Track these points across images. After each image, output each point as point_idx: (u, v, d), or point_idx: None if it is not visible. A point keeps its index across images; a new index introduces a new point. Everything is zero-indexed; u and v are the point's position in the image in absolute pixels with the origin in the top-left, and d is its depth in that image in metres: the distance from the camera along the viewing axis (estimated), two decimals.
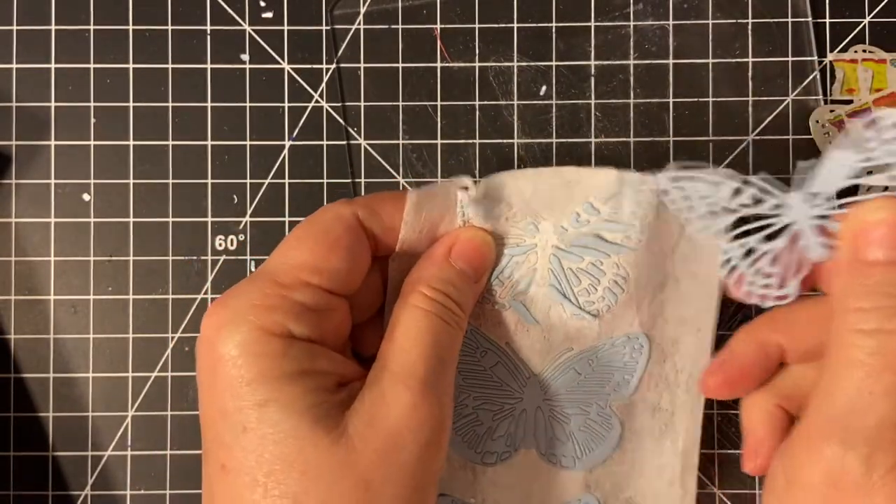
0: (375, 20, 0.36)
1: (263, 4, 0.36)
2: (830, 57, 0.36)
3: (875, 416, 0.24)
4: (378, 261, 0.30)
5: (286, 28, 0.36)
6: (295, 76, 0.36)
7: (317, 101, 0.36)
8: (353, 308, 0.29)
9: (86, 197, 0.36)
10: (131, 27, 0.36)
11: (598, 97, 0.36)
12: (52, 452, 0.36)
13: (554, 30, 0.36)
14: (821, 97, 0.36)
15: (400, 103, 0.36)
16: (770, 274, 0.29)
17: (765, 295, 0.29)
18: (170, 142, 0.36)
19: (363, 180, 0.36)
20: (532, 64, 0.36)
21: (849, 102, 0.36)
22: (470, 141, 0.36)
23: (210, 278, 0.36)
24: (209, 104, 0.36)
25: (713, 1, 0.36)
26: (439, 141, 0.36)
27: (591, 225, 0.30)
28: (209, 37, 0.36)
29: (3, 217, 0.36)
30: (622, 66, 0.36)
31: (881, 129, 0.25)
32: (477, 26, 0.36)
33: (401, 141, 0.36)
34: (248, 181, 0.36)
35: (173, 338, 0.36)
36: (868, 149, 0.26)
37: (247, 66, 0.36)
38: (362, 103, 0.36)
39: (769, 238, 0.29)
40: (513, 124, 0.36)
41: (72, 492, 0.36)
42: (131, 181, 0.36)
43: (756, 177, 0.28)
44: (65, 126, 0.36)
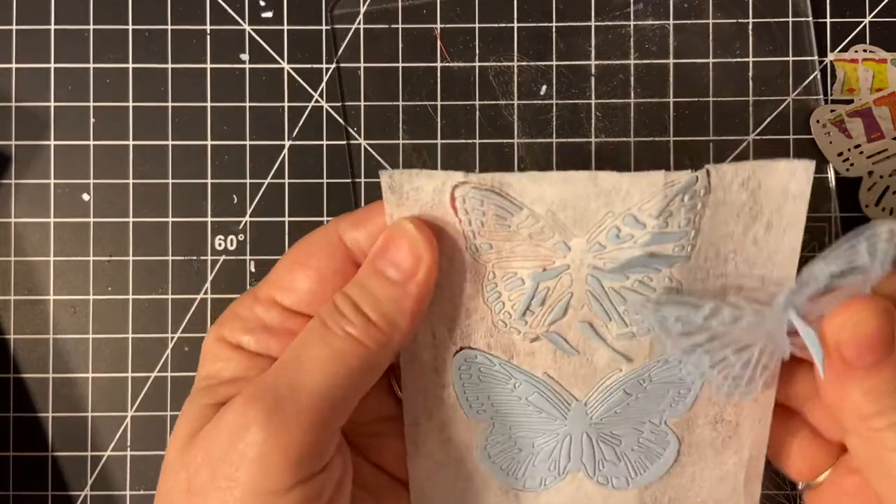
0: (375, 20, 0.36)
1: (263, 4, 0.36)
2: (831, 57, 0.36)
3: None
4: None
5: (286, 28, 0.36)
6: (295, 76, 0.36)
7: (317, 101, 0.36)
8: None
9: (85, 197, 0.36)
10: (131, 27, 0.36)
11: (599, 97, 0.36)
12: (52, 453, 0.36)
13: (554, 30, 0.36)
14: (821, 97, 0.36)
15: (400, 103, 0.36)
16: (739, 376, 0.27)
17: (729, 394, 0.28)
18: (169, 142, 0.36)
19: (363, 180, 0.36)
20: (532, 64, 0.36)
21: (849, 102, 0.36)
22: (470, 141, 0.36)
23: (210, 278, 0.36)
24: (209, 104, 0.36)
25: (713, 1, 0.36)
26: (439, 141, 0.36)
27: (637, 241, 0.26)
28: (209, 37, 0.36)
29: (3, 217, 0.36)
30: (622, 66, 0.36)
31: (874, 242, 0.24)
32: (477, 26, 0.36)
33: (401, 141, 0.36)
34: (248, 181, 0.36)
35: (173, 338, 0.36)
36: (852, 259, 0.25)
37: (247, 66, 0.36)
38: (362, 103, 0.36)
39: (741, 350, 0.27)
40: (513, 124, 0.36)
41: (71, 492, 0.36)
42: (131, 181, 0.36)
43: (733, 297, 0.26)
44: (64, 126, 0.36)
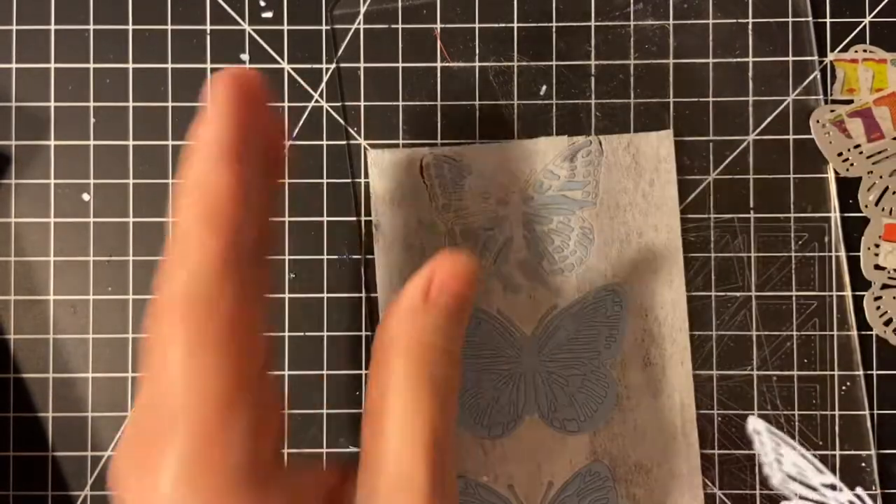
0: (375, 20, 0.36)
1: (263, 4, 0.36)
2: (831, 57, 0.36)
3: None
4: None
5: (286, 28, 0.36)
6: (295, 76, 0.36)
7: (317, 101, 0.36)
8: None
9: (85, 197, 0.36)
10: (131, 27, 0.36)
11: (599, 97, 0.36)
12: (52, 452, 0.36)
13: (554, 30, 0.36)
14: (821, 97, 0.36)
15: (400, 103, 0.36)
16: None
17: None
18: (170, 142, 0.36)
19: (363, 180, 0.36)
20: (532, 64, 0.36)
21: (849, 102, 0.36)
22: (470, 141, 0.36)
23: None
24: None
25: (713, 1, 0.36)
26: (439, 141, 0.36)
27: (554, 188, 0.35)
28: (209, 37, 0.36)
29: (3, 217, 0.36)
30: (622, 66, 0.36)
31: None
32: (477, 26, 0.36)
33: (401, 141, 0.36)
34: None
35: None
36: None
37: (247, 66, 0.36)
38: (362, 103, 0.36)
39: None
40: (513, 124, 0.36)
41: (71, 492, 0.36)
42: (131, 181, 0.36)
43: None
44: (64, 126, 0.36)
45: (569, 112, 0.36)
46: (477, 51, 0.36)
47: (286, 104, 0.36)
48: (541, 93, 0.36)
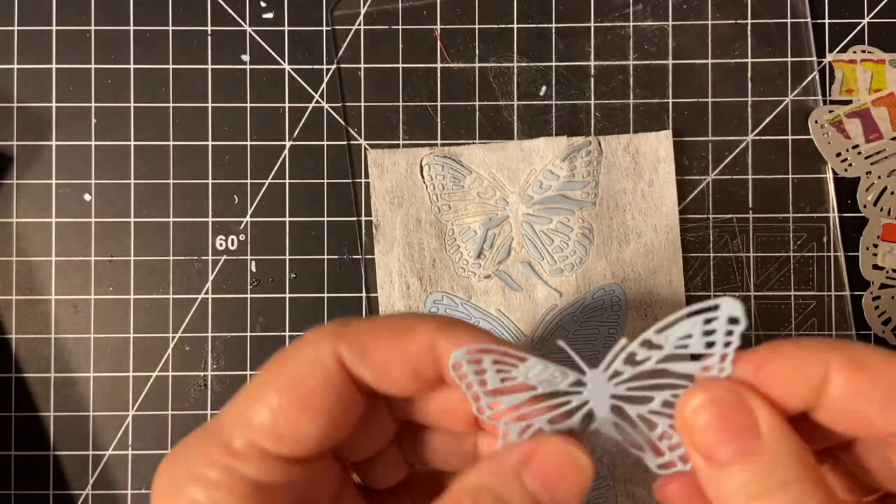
0: (375, 21, 0.36)
1: (264, 5, 0.36)
2: (829, 57, 0.36)
3: None
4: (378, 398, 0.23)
5: (286, 28, 0.36)
6: (295, 76, 0.36)
7: (317, 102, 0.36)
8: (353, 447, 0.24)
9: (87, 197, 0.36)
10: (132, 28, 0.36)
11: (598, 97, 0.36)
12: (54, 452, 0.36)
13: (554, 30, 0.36)
14: (820, 97, 0.36)
15: (400, 103, 0.36)
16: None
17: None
18: (170, 142, 0.36)
19: (363, 180, 0.36)
20: (532, 64, 0.36)
21: (848, 103, 0.36)
22: (470, 141, 0.36)
23: (210, 278, 0.36)
24: (210, 104, 0.36)
25: (712, 1, 0.36)
26: (439, 141, 0.36)
27: (554, 188, 0.35)
28: (210, 37, 0.36)
29: (5, 217, 0.36)
30: (622, 67, 0.36)
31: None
32: (477, 27, 0.36)
33: (401, 141, 0.36)
34: (249, 181, 0.36)
35: (174, 337, 0.36)
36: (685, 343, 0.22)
37: (247, 67, 0.36)
38: (362, 103, 0.36)
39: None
40: (513, 124, 0.36)
41: (73, 491, 0.36)
42: (132, 181, 0.36)
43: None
44: (66, 126, 0.36)
45: (568, 112, 0.36)
46: (477, 51, 0.36)
47: (287, 105, 0.36)
48: (541, 93, 0.36)
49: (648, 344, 0.21)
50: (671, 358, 0.22)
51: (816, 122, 0.35)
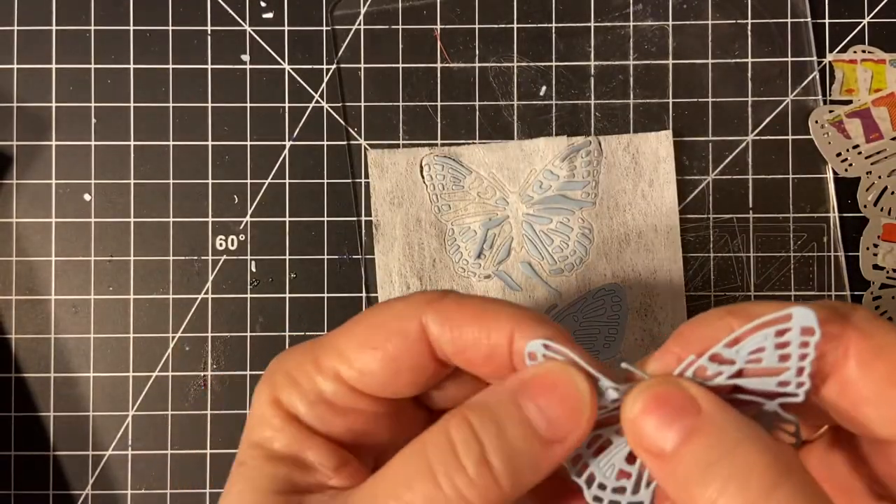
0: (375, 20, 0.36)
1: (264, 5, 0.36)
2: (830, 57, 0.36)
3: None
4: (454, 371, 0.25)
5: (286, 28, 0.36)
6: (295, 76, 0.36)
7: (317, 102, 0.36)
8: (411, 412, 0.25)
9: (87, 197, 0.36)
10: (132, 27, 0.36)
11: (598, 97, 0.36)
12: (53, 452, 0.36)
13: (554, 30, 0.36)
14: (820, 97, 0.36)
15: (400, 103, 0.36)
16: (625, 473, 0.22)
17: (617, 501, 0.22)
18: (170, 142, 0.36)
19: (363, 180, 0.36)
20: (532, 64, 0.36)
21: (848, 103, 0.36)
22: (470, 141, 0.36)
23: (210, 278, 0.36)
24: (210, 104, 0.36)
25: (713, 1, 0.36)
26: (439, 141, 0.36)
27: (554, 188, 0.35)
28: (210, 37, 0.36)
29: (5, 217, 0.36)
30: (622, 67, 0.36)
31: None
32: (477, 27, 0.36)
33: (401, 141, 0.36)
34: (249, 181, 0.36)
35: (174, 337, 0.36)
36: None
37: (247, 67, 0.36)
38: (362, 103, 0.36)
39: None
40: (513, 124, 0.36)
41: (73, 491, 0.36)
42: (132, 181, 0.36)
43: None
44: (66, 126, 0.36)
45: (568, 112, 0.36)
46: (477, 51, 0.36)
47: (287, 105, 0.36)
48: (541, 93, 0.36)
49: (719, 359, 0.21)
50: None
51: (816, 122, 0.35)
